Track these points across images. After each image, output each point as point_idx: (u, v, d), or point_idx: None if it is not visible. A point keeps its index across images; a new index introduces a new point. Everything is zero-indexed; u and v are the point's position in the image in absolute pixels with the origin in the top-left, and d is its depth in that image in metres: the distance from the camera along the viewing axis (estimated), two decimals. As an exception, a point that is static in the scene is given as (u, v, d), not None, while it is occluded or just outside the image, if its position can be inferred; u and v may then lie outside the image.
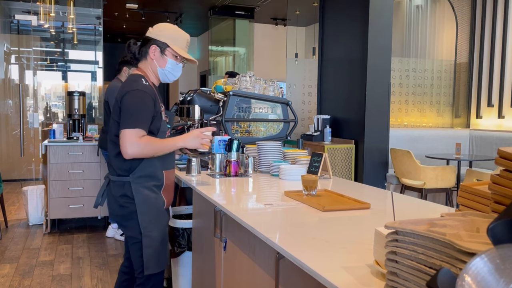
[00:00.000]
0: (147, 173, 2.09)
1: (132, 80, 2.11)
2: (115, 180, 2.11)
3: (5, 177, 6.98)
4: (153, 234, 2.09)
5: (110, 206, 2.16)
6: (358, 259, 1.25)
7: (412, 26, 6.20)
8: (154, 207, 2.11)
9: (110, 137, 2.14)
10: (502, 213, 0.77)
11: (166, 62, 2.18)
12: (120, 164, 2.09)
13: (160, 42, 2.16)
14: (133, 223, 2.08)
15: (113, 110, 2.13)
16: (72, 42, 7.85)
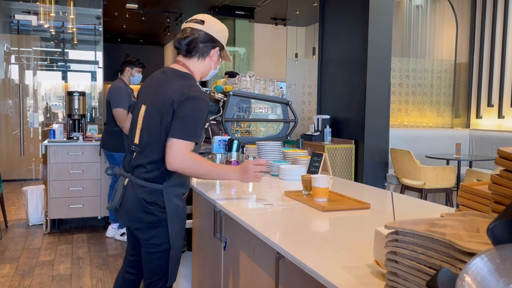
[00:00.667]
0: (181, 181, 1.98)
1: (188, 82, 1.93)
2: (143, 185, 1.91)
3: (5, 177, 6.98)
4: (179, 244, 2.00)
5: (132, 211, 1.95)
6: (358, 259, 1.25)
7: (412, 26, 6.20)
8: (182, 217, 2.01)
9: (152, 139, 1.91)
10: (502, 213, 0.77)
11: (218, 64, 2.08)
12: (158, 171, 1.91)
13: (221, 44, 2.04)
14: (160, 231, 1.94)
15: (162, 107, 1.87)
16: (72, 42, 7.86)
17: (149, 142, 1.91)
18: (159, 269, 1.99)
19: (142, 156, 1.93)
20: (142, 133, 1.94)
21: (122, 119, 4.24)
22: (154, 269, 1.99)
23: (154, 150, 1.90)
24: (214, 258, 2.20)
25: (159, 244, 1.95)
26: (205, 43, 1.98)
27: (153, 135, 1.90)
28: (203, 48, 1.98)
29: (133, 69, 4.51)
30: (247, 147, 3.05)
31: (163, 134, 1.87)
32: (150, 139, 1.91)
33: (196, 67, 2.01)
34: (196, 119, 1.87)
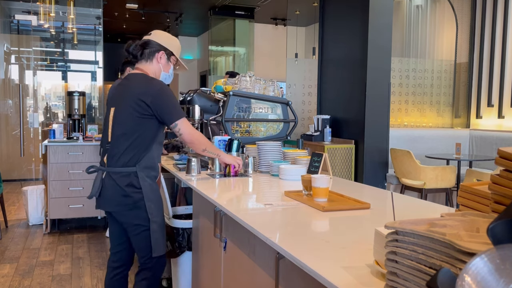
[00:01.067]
0: (150, 164, 2.25)
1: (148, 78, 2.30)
2: (120, 171, 2.20)
3: (5, 177, 6.98)
4: (159, 220, 2.27)
5: (111, 197, 2.23)
6: (358, 259, 1.25)
7: (412, 26, 6.20)
8: (157, 195, 2.28)
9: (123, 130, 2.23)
10: (502, 213, 0.77)
11: (169, 68, 2.44)
12: (128, 155, 2.21)
13: (168, 50, 2.40)
14: (140, 211, 2.21)
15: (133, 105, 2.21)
16: (72, 42, 7.86)
17: (120, 134, 2.22)
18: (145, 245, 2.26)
19: (115, 148, 2.24)
20: (113, 130, 2.26)
21: None
22: (145, 246, 2.26)
23: (125, 139, 2.21)
24: (214, 258, 2.20)
25: (141, 224, 2.23)
26: (150, 48, 2.36)
27: (123, 127, 2.22)
28: (149, 52, 2.36)
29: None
30: (247, 147, 3.05)
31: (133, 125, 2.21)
32: (121, 131, 2.23)
33: (146, 69, 2.36)
34: (174, 100, 2.28)
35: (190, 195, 2.84)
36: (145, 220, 2.22)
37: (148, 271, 2.31)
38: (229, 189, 2.41)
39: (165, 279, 3.27)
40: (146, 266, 2.30)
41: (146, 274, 2.32)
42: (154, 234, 2.24)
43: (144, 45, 2.36)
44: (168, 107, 2.23)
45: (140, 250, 2.29)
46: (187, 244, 2.73)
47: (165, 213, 2.79)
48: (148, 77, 2.30)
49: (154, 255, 2.26)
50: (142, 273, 2.33)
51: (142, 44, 2.36)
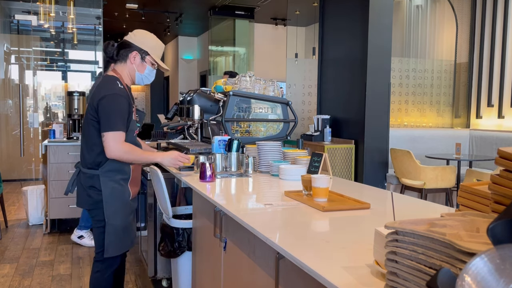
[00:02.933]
0: (115, 167, 2.33)
1: (108, 84, 2.31)
2: (85, 172, 2.35)
3: (5, 177, 6.98)
4: (116, 223, 2.35)
5: (79, 194, 2.42)
6: (358, 259, 1.25)
7: (412, 26, 6.20)
8: (120, 199, 2.36)
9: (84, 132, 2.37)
10: (502, 213, 0.77)
11: (145, 68, 2.42)
12: (91, 158, 2.33)
13: (142, 50, 2.39)
14: (98, 212, 2.34)
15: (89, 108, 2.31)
16: (72, 42, 7.85)
17: (83, 136, 2.38)
18: (101, 243, 2.38)
19: (83, 150, 2.39)
20: (82, 131, 2.44)
21: None
22: (99, 242, 2.40)
23: (87, 142, 2.35)
24: (214, 258, 2.20)
25: (99, 221, 2.35)
26: (124, 49, 2.39)
27: (85, 130, 2.36)
28: (123, 52, 2.38)
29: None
30: (247, 147, 3.05)
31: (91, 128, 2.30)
32: (84, 134, 2.38)
33: (121, 70, 2.40)
34: (116, 111, 2.24)
35: (190, 195, 2.84)
36: (101, 220, 2.34)
37: (101, 264, 2.43)
38: (229, 189, 2.41)
39: (165, 279, 3.27)
40: (98, 259, 2.43)
41: (99, 266, 2.44)
42: (108, 236, 2.33)
43: (121, 46, 2.39)
44: (106, 115, 2.23)
45: (96, 244, 2.44)
46: (187, 244, 2.73)
47: (165, 213, 2.79)
48: (110, 81, 2.32)
49: (105, 256, 2.36)
50: (95, 265, 2.46)
51: (119, 44, 2.40)
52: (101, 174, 2.30)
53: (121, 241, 2.38)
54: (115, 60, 2.41)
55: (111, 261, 2.42)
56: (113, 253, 2.37)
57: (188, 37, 11.62)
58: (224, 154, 2.80)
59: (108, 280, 2.45)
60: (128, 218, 2.41)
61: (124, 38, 2.42)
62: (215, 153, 2.79)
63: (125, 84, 2.40)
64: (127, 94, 2.35)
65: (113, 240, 2.34)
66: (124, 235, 2.39)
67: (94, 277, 2.45)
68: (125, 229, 2.40)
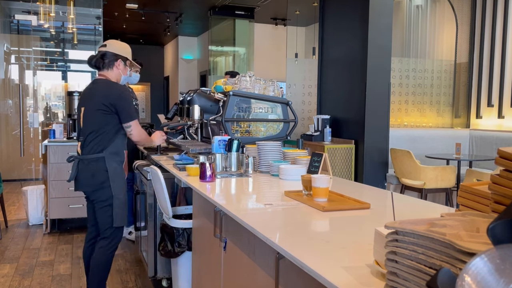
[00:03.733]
0: (115, 151, 2.77)
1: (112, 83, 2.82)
2: (91, 157, 2.74)
3: (5, 177, 6.98)
4: (121, 197, 2.78)
5: (83, 179, 2.78)
6: (358, 259, 1.25)
7: (412, 26, 6.20)
8: (120, 177, 2.80)
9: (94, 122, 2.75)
10: (502, 213, 0.77)
11: (127, 71, 2.96)
12: (98, 144, 2.74)
13: (123, 57, 2.91)
14: (103, 191, 2.74)
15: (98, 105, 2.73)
16: (72, 42, 7.85)
17: (90, 130, 2.75)
18: (108, 220, 2.77)
19: (86, 141, 2.77)
20: (84, 126, 2.79)
21: None
22: (104, 219, 2.78)
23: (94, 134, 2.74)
24: (214, 258, 2.20)
25: (105, 200, 2.75)
26: (108, 58, 2.86)
27: (92, 124, 2.75)
28: (108, 61, 2.86)
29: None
30: (247, 147, 3.05)
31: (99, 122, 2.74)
32: (91, 128, 2.75)
33: (109, 75, 2.88)
34: (130, 104, 2.81)
35: (190, 195, 2.84)
36: (108, 198, 2.74)
37: (105, 240, 2.79)
38: (229, 189, 2.41)
39: (165, 279, 3.27)
40: (104, 235, 2.79)
41: (103, 243, 2.80)
42: (115, 209, 2.75)
43: (103, 57, 2.85)
44: (125, 109, 2.75)
45: (102, 222, 2.79)
46: (187, 244, 2.73)
47: (165, 213, 2.79)
48: (110, 82, 2.83)
49: (114, 225, 2.77)
50: (100, 242, 2.81)
51: (101, 56, 2.85)
52: (106, 156, 2.73)
53: (123, 213, 2.81)
54: (100, 69, 2.87)
55: (114, 235, 2.80)
56: (120, 224, 2.78)
57: (188, 37, 11.62)
58: (224, 154, 2.80)
59: (111, 255, 2.82)
60: (126, 194, 2.84)
61: (103, 50, 2.86)
62: (215, 153, 2.79)
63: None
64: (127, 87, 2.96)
65: (119, 212, 2.77)
66: (125, 208, 2.82)
67: (98, 253, 2.79)
68: (125, 204, 2.83)
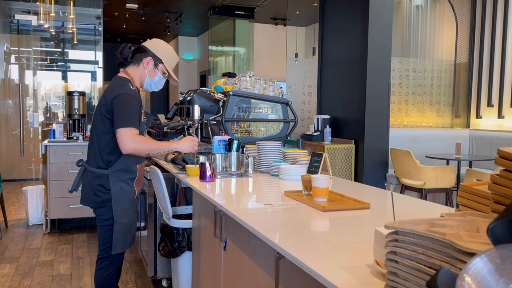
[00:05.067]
0: (124, 167, 2.39)
1: (121, 84, 2.37)
2: (93, 171, 2.38)
3: (5, 177, 6.98)
4: (124, 221, 2.41)
5: (85, 192, 2.44)
6: (358, 259, 1.25)
7: (412, 26, 6.20)
8: (127, 197, 2.42)
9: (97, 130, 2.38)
10: (502, 213, 0.77)
11: (155, 75, 2.50)
12: (102, 157, 2.37)
13: (156, 57, 2.47)
14: (106, 210, 2.38)
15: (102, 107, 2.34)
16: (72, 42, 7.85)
17: (94, 135, 2.39)
18: (107, 240, 2.42)
19: (91, 149, 2.42)
20: (91, 131, 2.43)
21: None
22: (104, 239, 2.44)
23: (99, 142, 2.37)
24: (214, 258, 2.20)
25: (106, 219, 2.39)
26: (139, 53, 2.46)
27: (99, 129, 2.36)
28: (138, 56, 2.46)
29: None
30: (247, 147, 3.05)
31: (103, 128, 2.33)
32: (95, 132, 2.39)
33: (133, 73, 2.46)
34: (128, 109, 2.29)
35: (190, 195, 2.84)
36: (109, 218, 2.38)
37: (105, 261, 2.46)
38: (229, 189, 2.41)
39: (165, 279, 3.27)
40: (103, 256, 2.46)
41: (103, 263, 2.47)
42: (116, 234, 2.40)
43: (137, 50, 2.48)
44: (119, 113, 2.28)
45: (100, 241, 2.46)
46: (187, 244, 2.73)
47: (165, 213, 2.79)
48: (122, 82, 2.38)
49: (112, 253, 2.42)
50: (99, 262, 2.49)
51: (136, 48, 2.48)
52: (110, 173, 2.35)
53: (126, 238, 2.46)
54: (128, 62, 2.47)
55: (114, 258, 2.47)
56: (120, 250, 2.43)
57: (188, 37, 11.62)
58: (224, 154, 2.80)
59: (112, 275, 2.50)
60: (133, 216, 2.49)
61: (142, 44, 2.51)
62: (215, 153, 2.80)
63: (136, 87, 2.45)
64: (139, 95, 2.41)
65: (120, 238, 2.41)
66: (129, 233, 2.46)
67: (98, 274, 2.49)
68: (131, 227, 2.48)
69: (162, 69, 2.50)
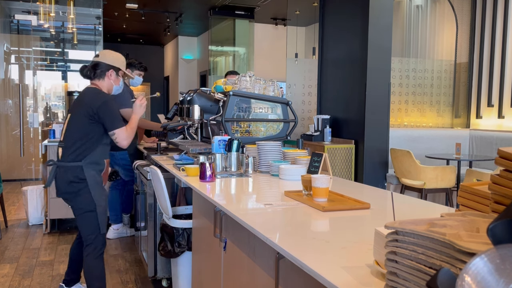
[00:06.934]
0: (95, 160, 2.80)
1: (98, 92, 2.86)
2: (68, 165, 2.76)
3: (5, 177, 6.98)
4: (103, 204, 2.82)
5: (61, 185, 2.80)
6: (358, 259, 1.25)
7: (412, 26, 6.20)
8: (100, 185, 2.83)
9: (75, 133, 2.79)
10: (502, 213, 0.77)
11: (119, 81, 3.00)
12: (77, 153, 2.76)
13: (116, 67, 2.95)
14: (82, 199, 2.75)
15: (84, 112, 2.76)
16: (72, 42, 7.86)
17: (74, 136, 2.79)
18: (90, 226, 2.79)
19: (67, 147, 2.80)
20: (67, 132, 2.83)
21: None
22: (86, 227, 2.80)
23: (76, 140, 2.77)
24: (214, 258, 2.20)
25: (84, 207, 2.76)
26: (100, 69, 2.91)
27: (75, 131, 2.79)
28: (100, 72, 2.91)
29: (134, 72, 4.52)
30: (247, 147, 3.05)
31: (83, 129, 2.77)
32: (73, 135, 2.79)
33: (101, 85, 2.93)
34: (116, 112, 2.84)
35: (190, 195, 2.84)
36: (89, 205, 2.75)
37: (90, 247, 2.80)
38: (229, 189, 2.41)
39: (165, 279, 3.27)
40: (88, 242, 2.81)
41: (89, 249, 2.81)
42: (100, 216, 2.79)
43: (95, 67, 2.91)
44: (109, 117, 2.76)
45: (83, 228, 2.81)
46: (187, 244, 2.73)
47: (165, 213, 2.79)
48: (98, 91, 2.87)
49: (101, 232, 2.81)
50: (85, 249, 2.82)
51: (93, 66, 2.91)
52: (84, 165, 2.75)
53: (105, 219, 2.87)
54: (92, 78, 2.93)
55: (98, 240, 2.82)
56: (105, 229, 2.84)
57: (188, 37, 11.62)
58: (224, 154, 2.80)
59: (100, 260, 2.84)
60: (106, 201, 2.90)
61: (96, 60, 2.93)
62: (215, 153, 2.80)
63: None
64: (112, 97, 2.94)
65: (104, 219, 2.82)
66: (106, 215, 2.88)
67: (87, 261, 2.81)
68: (106, 210, 2.89)
69: (121, 74, 3.00)
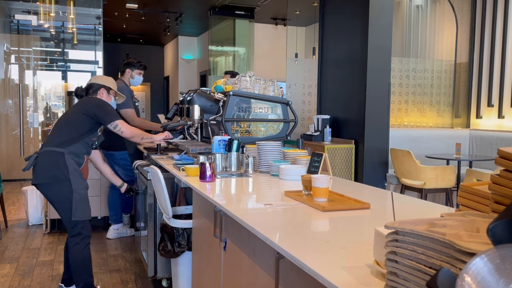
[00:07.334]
0: (75, 151, 2.96)
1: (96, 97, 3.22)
2: (50, 149, 2.90)
3: (5, 177, 6.98)
4: (81, 192, 2.90)
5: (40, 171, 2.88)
6: (358, 259, 1.25)
7: (412, 26, 6.20)
8: (79, 174, 2.95)
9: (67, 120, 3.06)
10: (502, 213, 0.77)
11: (110, 99, 3.31)
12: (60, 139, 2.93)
13: (107, 87, 3.29)
14: (63, 185, 2.84)
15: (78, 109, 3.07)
16: (72, 42, 7.86)
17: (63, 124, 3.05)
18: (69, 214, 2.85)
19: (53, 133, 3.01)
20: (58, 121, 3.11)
21: (131, 119, 4.28)
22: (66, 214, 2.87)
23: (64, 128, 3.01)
24: (214, 258, 2.20)
25: (62, 195, 2.85)
26: (92, 88, 3.28)
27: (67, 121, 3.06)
28: (92, 91, 3.27)
29: (134, 71, 4.53)
30: (247, 147, 3.05)
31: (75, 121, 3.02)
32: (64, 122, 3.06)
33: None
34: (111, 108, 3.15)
35: (190, 195, 2.84)
36: (67, 193, 2.84)
37: (76, 237, 2.88)
38: (229, 189, 2.41)
39: (165, 279, 3.27)
40: (73, 233, 2.89)
41: (76, 239, 2.88)
42: (75, 203, 2.85)
43: (88, 88, 3.27)
44: (106, 112, 3.05)
45: (66, 219, 2.89)
46: (187, 244, 2.73)
47: (165, 213, 2.79)
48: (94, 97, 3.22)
49: (73, 219, 2.84)
50: (72, 239, 2.89)
51: (87, 87, 3.28)
52: (66, 152, 2.89)
53: (85, 208, 2.92)
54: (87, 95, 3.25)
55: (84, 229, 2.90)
56: (80, 217, 2.87)
57: (188, 37, 11.62)
58: (224, 154, 2.80)
59: (87, 251, 2.92)
60: (86, 191, 2.96)
61: (89, 82, 3.32)
62: (215, 153, 2.80)
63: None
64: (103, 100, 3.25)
65: (79, 207, 2.86)
66: (85, 205, 2.93)
67: (75, 250, 2.88)
68: (86, 200, 2.95)
69: (112, 93, 3.32)
